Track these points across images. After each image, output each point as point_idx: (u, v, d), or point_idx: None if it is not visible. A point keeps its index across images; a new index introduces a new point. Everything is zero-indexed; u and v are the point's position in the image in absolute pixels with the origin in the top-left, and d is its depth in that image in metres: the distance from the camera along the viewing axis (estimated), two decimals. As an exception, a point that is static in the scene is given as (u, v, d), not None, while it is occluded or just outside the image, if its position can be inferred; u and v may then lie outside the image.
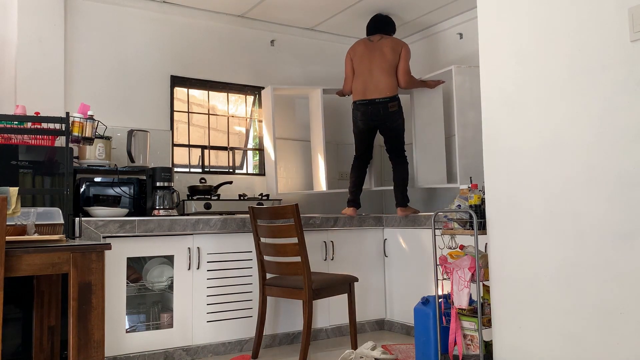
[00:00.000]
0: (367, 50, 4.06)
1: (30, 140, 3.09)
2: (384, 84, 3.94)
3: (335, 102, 4.80)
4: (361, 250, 4.04)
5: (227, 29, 4.45)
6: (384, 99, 3.92)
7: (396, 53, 4.01)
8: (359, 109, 4.00)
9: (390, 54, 4.00)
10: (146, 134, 3.72)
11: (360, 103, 4.00)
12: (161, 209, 3.52)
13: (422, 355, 2.88)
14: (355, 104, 4.05)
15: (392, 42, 4.05)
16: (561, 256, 2.17)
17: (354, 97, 4.06)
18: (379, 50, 4.02)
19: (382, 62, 3.98)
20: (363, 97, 3.98)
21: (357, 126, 4.08)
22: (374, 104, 3.93)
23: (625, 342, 1.96)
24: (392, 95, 3.94)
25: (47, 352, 2.73)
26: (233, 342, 3.50)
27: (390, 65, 3.99)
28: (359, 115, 4.01)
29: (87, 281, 2.16)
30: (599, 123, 2.06)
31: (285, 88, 4.39)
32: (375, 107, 3.93)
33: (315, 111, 4.48)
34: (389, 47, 4.02)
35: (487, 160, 2.49)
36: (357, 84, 4.04)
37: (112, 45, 3.97)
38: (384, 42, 4.06)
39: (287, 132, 4.66)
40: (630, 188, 1.96)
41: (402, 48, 4.03)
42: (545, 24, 2.26)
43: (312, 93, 4.52)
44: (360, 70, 4.06)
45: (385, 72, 3.96)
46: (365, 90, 3.98)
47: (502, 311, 2.40)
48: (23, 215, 2.34)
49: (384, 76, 3.95)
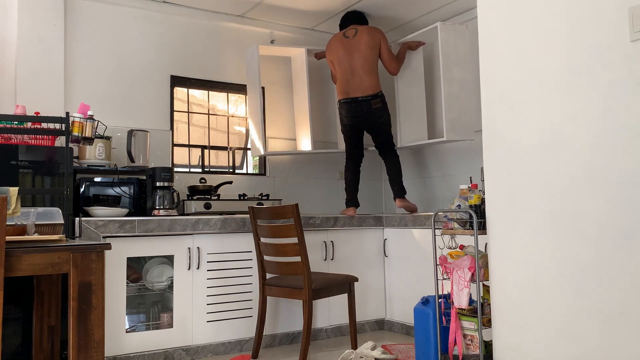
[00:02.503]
0: (345, 51, 4.10)
1: (30, 140, 3.09)
2: (366, 83, 4.02)
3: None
4: (361, 250, 4.04)
5: (227, 29, 4.45)
6: (367, 97, 4.00)
7: (375, 47, 4.07)
8: (344, 107, 4.10)
9: (368, 51, 4.04)
10: (146, 134, 3.72)
11: (344, 101, 4.08)
12: (161, 209, 3.52)
13: (422, 355, 2.88)
14: (339, 103, 4.14)
15: (368, 37, 4.06)
16: (561, 256, 2.17)
17: (338, 96, 4.15)
18: (357, 50, 4.06)
19: (363, 62, 4.04)
20: (346, 96, 4.07)
21: (343, 124, 4.17)
22: (357, 102, 4.02)
23: (625, 342, 1.96)
24: (375, 93, 4.01)
25: (47, 352, 2.73)
26: (233, 342, 3.50)
27: (371, 64, 4.05)
28: (344, 113, 4.11)
29: (87, 281, 2.16)
30: (599, 123, 2.06)
31: (271, 47, 4.42)
32: (359, 105, 4.02)
33: (300, 72, 4.51)
34: (365, 44, 4.05)
35: (487, 160, 2.49)
36: (340, 84, 4.11)
37: (112, 45, 3.97)
38: (359, 38, 4.08)
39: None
40: (630, 188, 1.96)
41: (379, 39, 4.09)
42: (545, 23, 2.25)
43: (295, 52, 4.54)
44: (342, 71, 4.11)
45: (366, 72, 4.04)
46: (348, 90, 4.07)
47: (502, 311, 2.40)
48: (23, 215, 2.33)
49: (365, 75, 4.03)
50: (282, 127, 4.64)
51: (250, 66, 4.35)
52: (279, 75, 4.65)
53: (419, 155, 4.75)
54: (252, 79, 4.30)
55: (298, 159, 4.70)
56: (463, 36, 4.02)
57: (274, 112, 4.61)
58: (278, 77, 4.65)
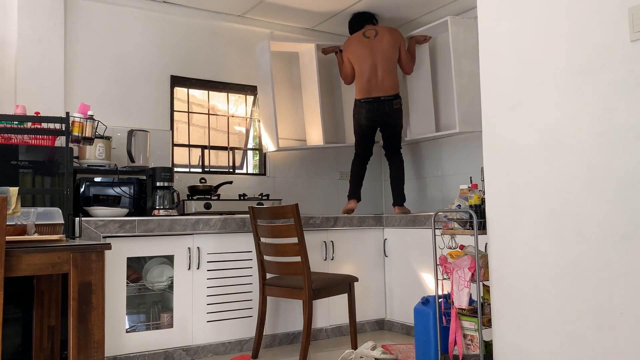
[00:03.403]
0: (367, 51, 4.15)
1: (30, 140, 3.09)
2: (388, 82, 4.10)
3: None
4: (361, 250, 4.04)
5: (227, 29, 4.45)
6: (389, 97, 4.09)
7: (396, 47, 4.17)
8: (364, 106, 4.13)
9: (390, 51, 4.13)
10: (146, 134, 3.72)
11: (365, 101, 4.12)
12: (161, 209, 3.52)
13: (422, 355, 2.88)
14: (359, 102, 4.16)
15: (390, 37, 4.15)
16: (561, 256, 2.17)
17: (358, 96, 4.17)
18: (380, 49, 4.13)
19: (385, 62, 4.11)
20: (368, 96, 4.12)
21: (359, 124, 4.20)
22: (380, 101, 4.09)
23: (625, 342, 1.96)
24: (396, 93, 4.12)
25: (47, 352, 2.73)
26: (233, 342, 3.50)
27: (392, 64, 4.15)
28: (363, 113, 4.14)
29: (87, 281, 2.16)
30: (599, 123, 2.06)
31: (280, 43, 4.46)
32: (381, 104, 4.09)
33: (309, 67, 4.54)
34: (387, 44, 4.13)
35: (487, 160, 2.49)
36: (361, 83, 4.15)
37: (112, 45, 3.97)
38: (381, 38, 4.15)
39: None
40: (630, 188, 1.96)
41: (400, 40, 4.20)
42: (545, 23, 2.25)
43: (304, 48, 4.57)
44: (363, 69, 4.15)
45: (388, 72, 4.11)
46: (370, 89, 4.12)
47: (502, 311, 2.40)
48: (23, 215, 2.33)
49: (387, 75, 4.10)
50: (288, 127, 4.63)
51: (260, 62, 4.37)
52: (281, 75, 4.65)
53: (419, 154, 4.75)
54: (264, 74, 4.33)
55: (298, 159, 4.70)
56: (472, 30, 4.11)
57: (278, 112, 4.60)
58: (280, 76, 4.64)
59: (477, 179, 3.75)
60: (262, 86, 4.37)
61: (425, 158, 4.70)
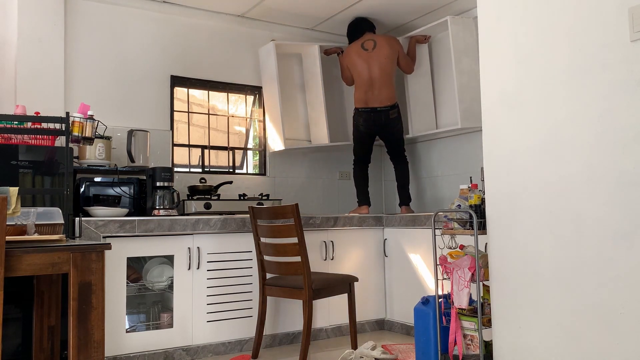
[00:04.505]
0: (365, 64, 4.28)
1: (30, 140, 3.09)
2: (385, 94, 4.23)
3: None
4: (361, 250, 4.04)
5: (227, 29, 4.45)
6: (385, 107, 4.23)
7: (394, 58, 4.30)
8: (362, 115, 4.28)
9: (388, 64, 4.25)
10: (146, 134, 3.72)
11: (363, 110, 4.28)
12: (161, 209, 3.52)
13: (422, 355, 2.88)
14: (357, 111, 4.32)
15: (388, 50, 4.25)
16: (561, 256, 2.17)
17: (356, 105, 4.33)
18: (377, 62, 4.24)
19: (382, 74, 4.23)
20: (365, 106, 4.27)
21: (358, 130, 4.35)
22: (376, 112, 4.24)
23: (625, 342, 1.96)
24: (392, 104, 4.25)
25: (47, 352, 2.73)
26: (233, 342, 3.50)
27: (389, 76, 4.27)
28: (360, 121, 4.29)
29: (87, 281, 2.16)
30: (599, 123, 2.06)
31: (284, 44, 4.48)
32: (377, 114, 4.23)
33: (312, 68, 4.59)
34: (385, 56, 4.24)
35: (487, 160, 2.49)
36: (359, 94, 4.30)
37: (112, 45, 3.97)
38: (379, 51, 4.25)
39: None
40: (630, 188, 1.96)
41: (397, 49, 4.31)
42: (545, 23, 2.25)
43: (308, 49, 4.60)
44: (361, 81, 4.30)
45: (384, 83, 4.24)
46: (367, 100, 4.27)
47: (502, 311, 2.40)
48: (23, 215, 2.33)
49: (384, 87, 4.24)
50: (293, 126, 4.63)
51: (266, 63, 4.43)
52: (285, 76, 4.64)
53: (419, 154, 4.75)
54: (269, 75, 4.39)
55: (298, 159, 4.70)
56: (471, 29, 4.16)
57: (283, 112, 4.60)
58: (284, 77, 4.63)
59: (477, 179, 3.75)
60: (267, 87, 4.43)
61: (425, 158, 4.71)
